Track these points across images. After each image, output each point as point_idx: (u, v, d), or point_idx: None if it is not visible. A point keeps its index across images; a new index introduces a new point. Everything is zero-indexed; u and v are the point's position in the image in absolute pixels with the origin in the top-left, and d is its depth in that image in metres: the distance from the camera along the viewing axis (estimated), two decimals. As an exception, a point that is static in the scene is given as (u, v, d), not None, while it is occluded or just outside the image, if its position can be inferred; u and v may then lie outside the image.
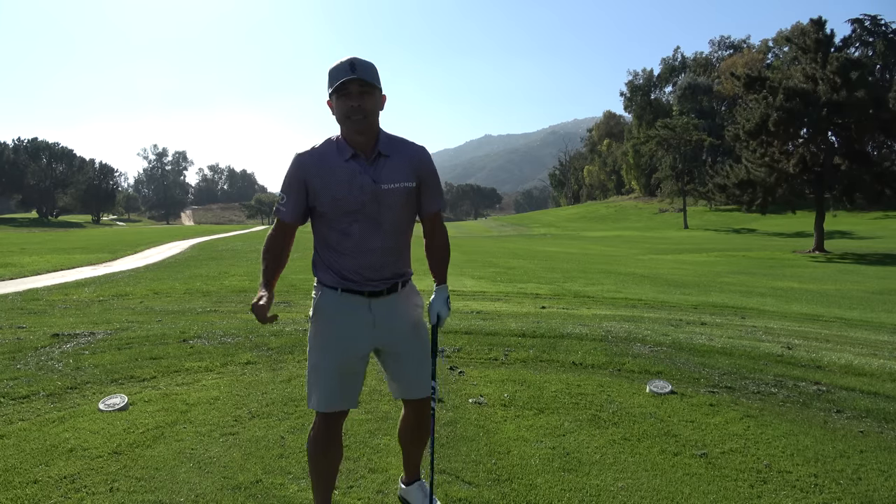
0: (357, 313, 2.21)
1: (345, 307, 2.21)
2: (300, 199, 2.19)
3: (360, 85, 2.08)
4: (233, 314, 7.64)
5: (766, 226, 52.83)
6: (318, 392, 2.22)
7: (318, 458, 2.29)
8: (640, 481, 2.83)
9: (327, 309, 2.22)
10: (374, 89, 2.12)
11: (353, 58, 2.11)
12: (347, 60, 2.10)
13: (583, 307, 8.89)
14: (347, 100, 2.09)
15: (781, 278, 15.91)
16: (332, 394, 2.22)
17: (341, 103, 2.10)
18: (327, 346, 2.22)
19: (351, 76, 2.07)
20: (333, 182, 2.14)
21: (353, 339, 2.22)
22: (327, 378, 2.21)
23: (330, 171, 2.15)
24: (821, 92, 27.04)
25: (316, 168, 2.16)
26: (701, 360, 5.21)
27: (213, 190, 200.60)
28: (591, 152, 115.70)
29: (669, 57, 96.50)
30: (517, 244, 36.45)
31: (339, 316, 2.21)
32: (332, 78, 2.11)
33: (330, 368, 2.21)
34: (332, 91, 2.10)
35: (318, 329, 2.24)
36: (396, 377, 2.35)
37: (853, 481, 2.88)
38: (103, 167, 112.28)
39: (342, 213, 2.15)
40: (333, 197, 2.14)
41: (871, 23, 69.58)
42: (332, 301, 2.21)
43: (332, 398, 2.22)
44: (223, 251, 22.00)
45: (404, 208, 2.23)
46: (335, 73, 2.10)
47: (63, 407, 3.78)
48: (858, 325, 8.03)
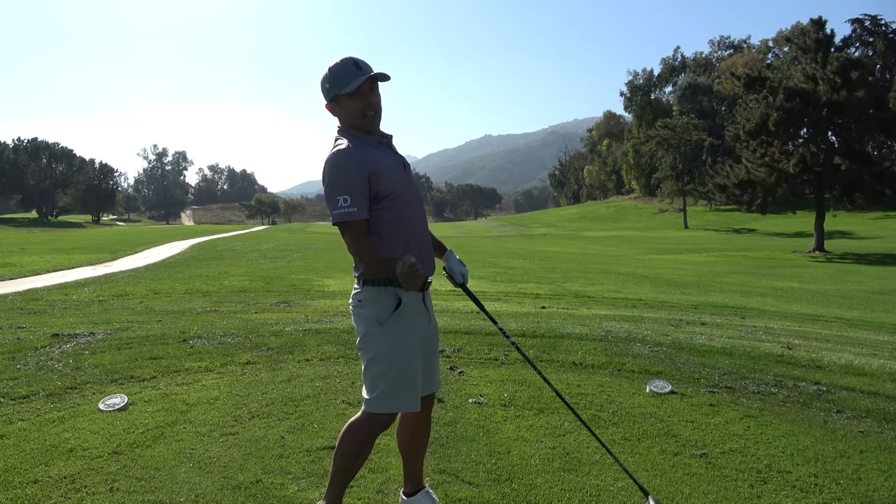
0: (421, 310, 2.23)
1: (415, 303, 2.20)
2: (365, 191, 2.09)
3: (370, 83, 2.12)
4: (233, 314, 7.64)
5: (766, 226, 52.83)
6: (409, 394, 2.17)
7: (360, 455, 2.25)
8: (640, 481, 2.83)
9: (410, 310, 2.17)
10: (377, 84, 2.17)
11: (353, 58, 2.12)
12: (349, 59, 2.11)
13: (583, 307, 8.90)
14: (362, 98, 2.12)
15: (781, 278, 15.91)
16: (414, 397, 2.20)
17: (355, 103, 2.12)
18: (415, 349, 2.19)
19: (363, 76, 2.08)
20: (385, 167, 2.14)
21: (422, 336, 2.24)
22: (418, 379, 2.20)
23: (378, 158, 2.14)
24: (821, 92, 27.05)
25: (369, 155, 2.11)
26: (701, 360, 5.21)
27: (213, 190, 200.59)
28: (591, 152, 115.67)
29: (669, 57, 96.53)
30: (517, 244, 36.46)
31: (414, 314, 2.19)
32: (337, 80, 2.11)
33: (419, 370, 2.20)
34: (346, 94, 2.10)
35: (405, 335, 2.17)
36: (432, 370, 2.36)
37: (853, 481, 2.88)
38: (103, 167, 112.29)
39: (402, 196, 2.17)
40: (393, 181, 2.15)
41: (871, 23, 69.59)
42: (408, 299, 2.17)
43: (413, 401, 2.20)
44: (223, 251, 22.00)
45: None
46: (342, 76, 2.10)
47: (63, 407, 3.77)
48: (858, 325, 8.03)
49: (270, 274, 13.49)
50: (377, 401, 2.16)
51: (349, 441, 2.23)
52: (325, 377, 4.48)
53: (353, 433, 2.23)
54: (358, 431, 2.22)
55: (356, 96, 2.11)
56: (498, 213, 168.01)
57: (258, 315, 7.57)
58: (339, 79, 2.11)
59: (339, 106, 2.16)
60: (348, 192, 2.06)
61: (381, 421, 2.20)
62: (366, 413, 2.21)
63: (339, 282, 11.83)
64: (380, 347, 2.15)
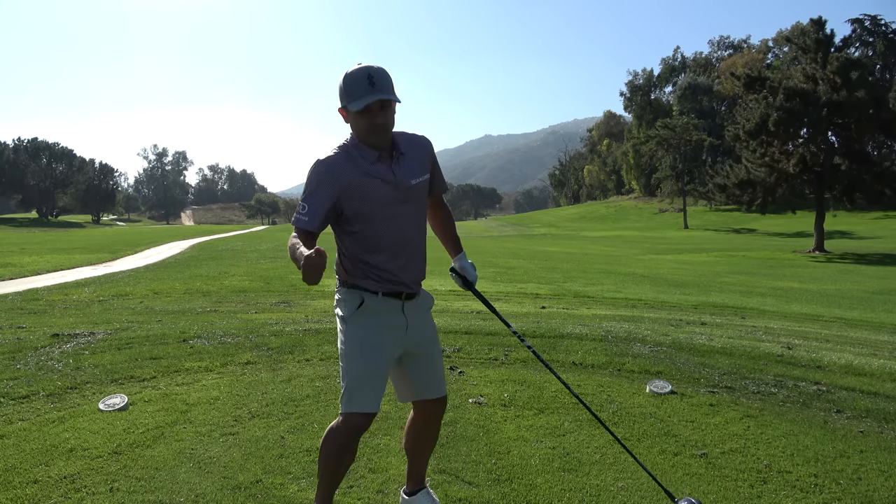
0: (394, 316, 2.23)
1: (385, 310, 2.21)
2: (325, 205, 2.09)
3: (380, 103, 2.05)
4: (233, 314, 7.64)
5: (766, 226, 52.83)
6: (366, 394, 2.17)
7: (340, 460, 2.24)
8: (640, 481, 2.83)
9: (368, 311, 2.18)
10: (393, 102, 2.08)
11: (369, 68, 2.04)
12: (364, 72, 2.03)
13: (583, 307, 8.90)
14: (370, 117, 2.06)
15: (781, 278, 15.92)
16: (377, 396, 2.20)
17: (363, 120, 2.07)
18: (374, 349, 2.19)
19: (373, 97, 2.02)
20: (367, 184, 2.12)
21: (392, 342, 2.23)
22: (376, 380, 2.19)
23: (362, 173, 2.11)
24: (821, 92, 27.05)
25: (347, 171, 2.10)
26: (701, 360, 5.21)
27: (213, 190, 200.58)
28: (591, 152, 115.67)
29: (669, 57, 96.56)
30: (517, 244, 36.46)
31: (379, 318, 2.20)
32: (351, 91, 2.05)
33: (378, 371, 2.20)
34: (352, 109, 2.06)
35: (358, 331, 2.19)
36: (417, 378, 2.34)
37: (853, 481, 2.88)
38: (103, 167, 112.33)
39: (379, 214, 2.14)
40: (370, 198, 2.12)
41: (871, 23, 69.59)
42: (373, 303, 2.19)
43: (376, 400, 2.20)
44: (223, 251, 22.01)
45: (424, 202, 2.31)
46: (354, 90, 2.04)
47: (63, 407, 3.77)
48: (858, 325, 8.03)
49: (270, 274, 13.49)
50: (343, 399, 2.19)
51: (328, 444, 2.24)
52: (325, 377, 4.48)
53: (332, 436, 2.24)
54: (335, 434, 2.23)
55: (363, 114, 2.06)
56: (498, 213, 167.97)
57: (258, 315, 7.58)
58: (351, 92, 2.06)
59: (349, 116, 2.12)
60: (308, 201, 2.09)
61: (352, 422, 2.18)
62: (340, 415, 2.21)
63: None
64: (343, 345, 2.20)
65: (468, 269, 2.47)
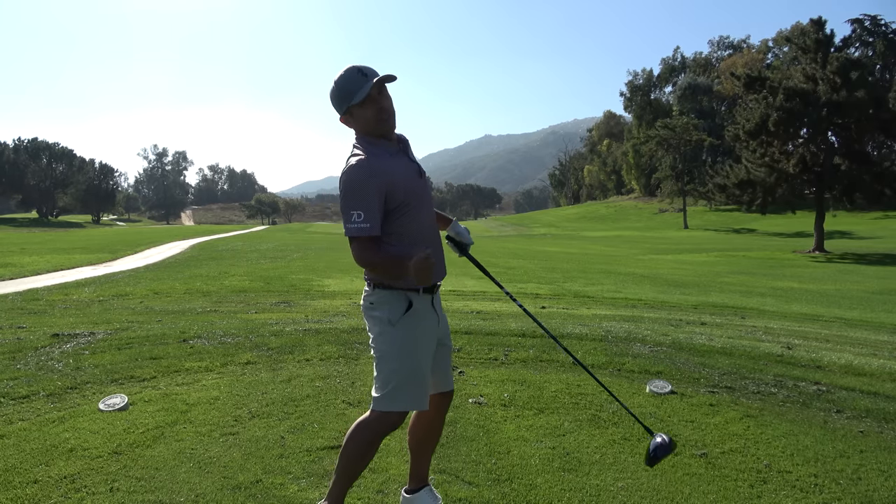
0: (432, 312, 2.27)
1: (425, 306, 2.24)
2: (380, 206, 2.10)
3: (378, 87, 2.11)
4: (233, 314, 7.64)
5: (766, 226, 52.83)
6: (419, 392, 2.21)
7: (366, 456, 2.27)
8: (640, 481, 2.83)
9: (419, 312, 2.21)
10: (385, 86, 2.16)
11: (355, 66, 2.11)
12: (353, 70, 2.10)
13: (583, 307, 8.90)
14: (373, 104, 2.11)
15: (781, 278, 15.92)
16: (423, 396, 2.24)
17: (369, 109, 2.11)
18: (424, 349, 2.23)
19: (369, 83, 2.08)
20: (405, 177, 2.17)
21: (433, 336, 2.28)
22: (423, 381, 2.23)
23: (393, 168, 2.15)
24: (821, 92, 27.05)
25: (385, 167, 2.12)
26: (701, 360, 5.21)
27: (213, 190, 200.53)
28: (591, 152, 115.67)
29: (669, 57, 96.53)
30: (517, 244, 36.45)
31: (424, 317, 2.23)
32: (346, 91, 2.10)
33: (427, 370, 2.24)
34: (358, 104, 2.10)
35: (409, 333, 2.19)
36: (439, 371, 2.38)
37: (853, 481, 2.88)
38: (103, 167, 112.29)
39: (417, 204, 2.19)
40: (409, 190, 2.17)
41: (871, 23, 69.57)
42: (419, 305, 2.22)
43: (421, 400, 2.24)
44: (223, 251, 22.00)
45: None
46: (350, 87, 2.10)
47: (63, 407, 3.77)
48: (858, 325, 8.03)
49: (270, 274, 13.49)
50: (387, 398, 2.19)
51: (356, 440, 2.25)
52: (325, 377, 4.48)
53: (361, 432, 2.25)
54: (366, 430, 2.24)
55: (367, 104, 2.10)
56: (498, 213, 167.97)
57: (258, 315, 7.58)
58: (347, 90, 2.11)
59: (353, 117, 2.16)
60: (362, 207, 2.06)
61: (391, 420, 2.22)
62: (374, 412, 2.22)
63: (339, 282, 11.83)
64: (391, 347, 2.19)
65: (463, 234, 2.50)
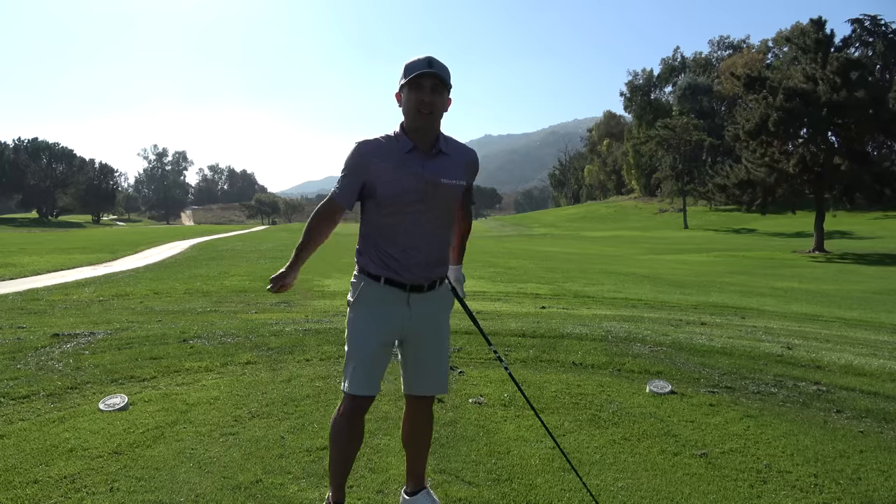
0: (395, 305, 2.27)
1: (384, 297, 2.26)
2: (352, 183, 2.23)
3: (433, 81, 2.14)
4: (233, 314, 7.64)
5: (766, 226, 52.82)
6: (359, 377, 2.27)
7: (345, 439, 2.35)
8: (640, 481, 2.83)
9: (367, 298, 2.27)
10: (445, 89, 2.19)
11: (431, 56, 2.17)
12: (426, 57, 2.16)
13: (583, 307, 8.90)
14: (420, 93, 2.15)
15: (781, 278, 15.92)
16: (369, 377, 2.28)
17: (413, 96, 2.15)
18: (364, 333, 2.27)
19: (427, 70, 2.13)
20: (394, 172, 2.19)
21: (385, 328, 2.28)
22: (361, 364, 2.27)
23: (392, 161, 2.19)
24: (821, 92, 27.06)
25: (378, 156, 2.19)
26: (701, 360, 5.21)
27: (213, 190, 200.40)
28: (591, 152, 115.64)
29: (669, 57, 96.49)
30: (517, 244, 36.45)
31: (377, 305, 2.27)
32: (407, 70, 2.16)
33: (363, 356, 2.27)
34: (406, 83, 2.15)
35: (357, 316, 2.30)
36: (410, 371, 2.40)
37: (853, 481, 2.88)
38: (103, 167, 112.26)
39: (399, 203, 2.20)
40: (393, 187, 2.18)
41: (871, 23, 69.54)
42: (373, 290, 2.27)
43: (368, 381, 2.28)
44: (223, 251, 22.01)
45: (454, 205, 2.33)
46: (412, 66, 2.15)
47: (63, 407, 3.77)
48: (858, 325, 8.03)
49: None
50: (343, 379, 2.31)
51: (334, 426, 2.37)
52: (325, 377, 4.48)
53: (336, 417, 2.36)
54: (338, 414, 2.35)
55: (413, 88, 2.15)
56: (498, 213, 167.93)
57: (258, 315, 7.58)
58: (407, 67, 2.16)
59: (402, 97, 2.20)
60: (343, 178, 2.24)
61: (348, 401, 2.30)
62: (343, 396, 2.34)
63: (339, 282, 11.83)
64: (346, 328, 2.34)
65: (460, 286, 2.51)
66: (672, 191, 72.78)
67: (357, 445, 2.41)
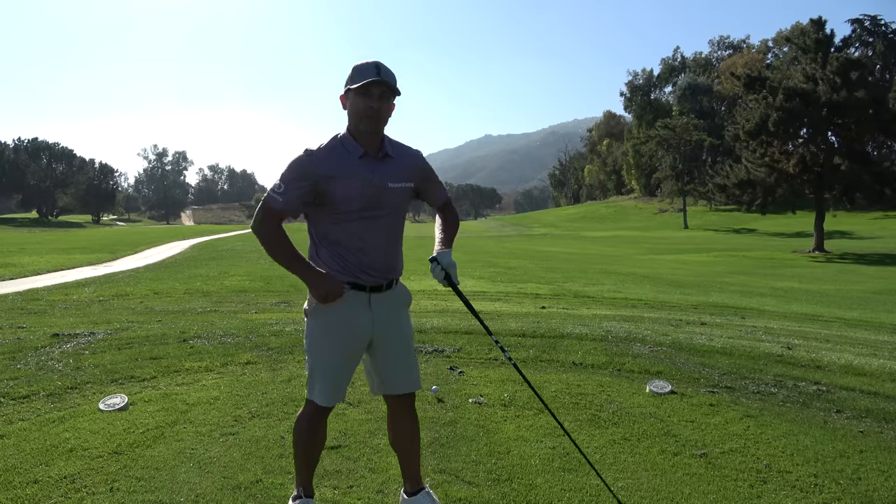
0: (359, 308, 2.28)
1: (347, 302, 2.26)
2: (301, 192, 2.19)
3: (381, 89, 2.16)
4: (233, 314, 7.64)
5: (766, 226, 52.82)
6: (322, 385, 2.28)
7: (310, 441, 2.38)
8: (640, 481, 2.83)
9: (336, 304, 2.25)
10: (392, 95, 2.21)
11: (379, 62, 2.18)
12: (373, 62, 2.18)
13: (583, 307, 8.90)
14: (367, 99, 2.17)
15: (781, 278, 15.92)
16: (337, 387, 2.31)
17: (360, 101, 2.17)
18: (328, 343, 2.27)
19: (376, 78, 2.14)
20: (347, 179, 2.20)
21: (354, 333, 2.29)
22: (334, 371, 2.29)
23: (343, 169, 2.20)
24: (821, 92, 27.05)
25: (329, 164, 2.20)
26: (701, 360, 5.21)
27: (213, 190, 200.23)
28: (591, 152, 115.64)
29: (669, 57, 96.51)
30: (517, 244, 36.46)
31: (338, 312, 2.26)
32: (356, 75, 2.17)
33: (336, 363, 2.28)
34: (354, 88, 2.16)
35: (319, 325, 2.28)
36: (383, 372, 2.39)
37: (853, 481, 2.88)
38: (103, 167, 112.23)
39: (353, 209, 2.21)
40: (347, 193, 2.19)
41: (871, 23, 69.53)
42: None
43: (336, 391, 2.31)
44: (223, 251, 22.01)
45: (404, 207, 2.37)
46: (360, 72, 2.17)
47: (63, 407, 3.77)
48: (858, 325, 8.03)
49: (270, 274, 13.49)
50: (308, 386, 2.34)
51: (298, 428, 2.39)
52: (325, 377, 4.47)
53: (300, 419, 2.39)
54: (300, 418, 2.39)
55: (361, 94, 2.16)
56: (498, 213, 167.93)
57: (258, 315, 7.58)
58: (355, 71, 2.18)
59: (348, 101, 2.22)
60: (286, 181, 2.19)
61: (312, 408, 2.33)
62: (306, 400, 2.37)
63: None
64: (306, 337, 2.34)
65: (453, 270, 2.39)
66: (672, 191, 72.79)
67: (322, 445, 2.45)
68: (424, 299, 9.10)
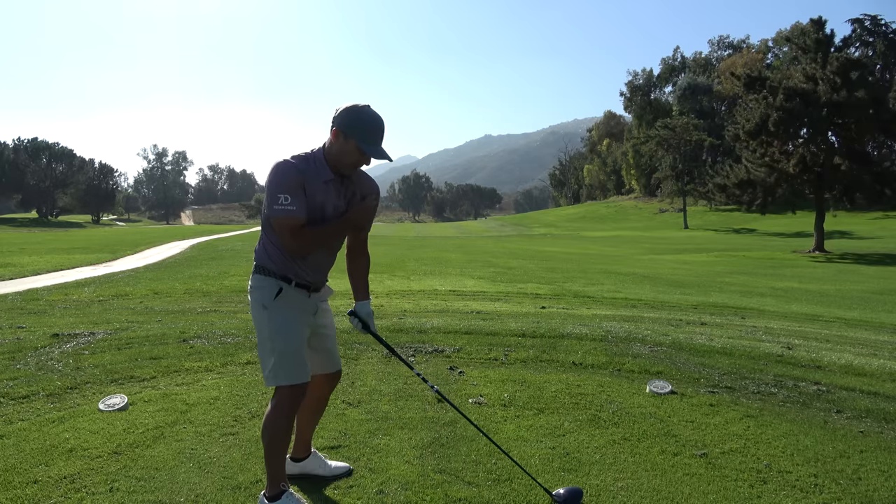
0: (305, 303, 2.58)
1: (297, 297, 2.55)
2: (302, 193, 2.39)
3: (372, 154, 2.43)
4: (233, 314, 7.64)
5: (766, 226, 52.82)
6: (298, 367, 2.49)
7: (285, 437, 2.51)
8: (640, 481, 2.83)
9: (287, 298, 2.50)
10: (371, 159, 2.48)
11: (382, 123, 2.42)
12: (381, 125, 2.41)
13: (583, 307, 8.90)
14: (356, 154, 2.42)
15: (781, 278, 15.92)
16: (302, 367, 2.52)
17: (356, 156, 2.42)
18: (292, 327, 2.50)
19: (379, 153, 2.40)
20: (317, 197, 2.44)
21: (308, 321, 2.60)
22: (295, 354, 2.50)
23: (316, 187, 2.43)
24: (821, 92, 27.03)
25: (308, 179, 2.41)
26: (701, 360, 5.21)
27: (212, 190, 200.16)
28: (591, 152, 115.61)
29: (669, 57, 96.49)
30: (517, 244, 36.46)
31: (294, 303, 2.53)
32: (367, 135, 2.38)
33: (297, 346, 2.51)
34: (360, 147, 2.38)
35: (280, 314, 2.49)
36: (324, 353, 2.72)
37: (853, 481, 2.88)
38: (103, 167, 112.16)
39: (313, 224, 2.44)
40: (315, 209, 2.44)
41: (871, 23, 69.53)
42: (290, 291, 2.51)
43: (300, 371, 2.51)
44: (223, 251, 22.01)
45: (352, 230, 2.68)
46: (370, 136, 2.39)
47: (63, 407, 3.77)
48: (858, 325, 8.03)
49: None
50: (271, 375, 2.48)
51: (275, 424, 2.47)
52: (325, 377, 4.47)
53: (276, 413, 2.48)
54: (279, 410, 2.48)
55: (362, 153, 2.40)
56: (498, 213, 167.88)
57: (258, 315, 7.57)
58: (368, 137, 2.39)
59: (339, 140, 2.41)
60: (289, 192, 2.36)
61: (286, 393, 2.48)
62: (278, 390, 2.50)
63: (338, 282, 11.81)
64: (264, 328, 2.50)
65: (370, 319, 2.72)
66: (672, 191, 72.77)
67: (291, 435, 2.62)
68: (424, 299, 9.10)
